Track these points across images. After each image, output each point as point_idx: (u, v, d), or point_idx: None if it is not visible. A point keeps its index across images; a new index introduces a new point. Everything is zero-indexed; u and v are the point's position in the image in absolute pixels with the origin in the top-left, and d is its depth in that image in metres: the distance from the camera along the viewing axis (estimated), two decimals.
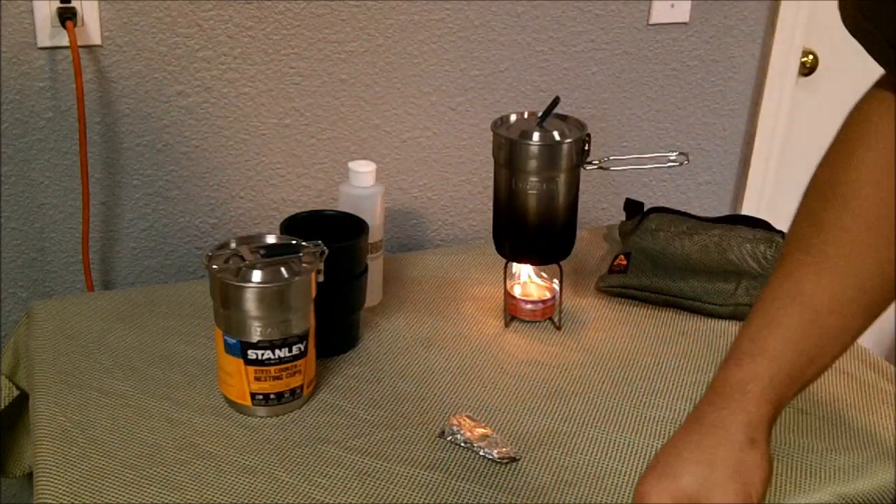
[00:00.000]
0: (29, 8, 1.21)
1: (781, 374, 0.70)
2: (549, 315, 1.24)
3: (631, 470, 0.96)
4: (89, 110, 1.28)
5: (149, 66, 1.30)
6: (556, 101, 1.15)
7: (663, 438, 1.00)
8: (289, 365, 0.99)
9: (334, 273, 1.03)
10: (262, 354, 0.98)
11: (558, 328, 1.23)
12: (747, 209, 1.82)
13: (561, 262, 1.22)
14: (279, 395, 1.00)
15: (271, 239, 1.03)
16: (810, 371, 0.71)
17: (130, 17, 1.26)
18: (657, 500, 0.69)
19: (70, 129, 1.28)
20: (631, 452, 0.98)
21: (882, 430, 1.04)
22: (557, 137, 1.14)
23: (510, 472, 0.95)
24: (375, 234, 1.19)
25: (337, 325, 1.12)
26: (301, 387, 1.02)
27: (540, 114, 1.17)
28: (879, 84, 0.76)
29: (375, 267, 1.21)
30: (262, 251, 1.00)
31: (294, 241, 1.02)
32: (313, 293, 1.00)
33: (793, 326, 0.70)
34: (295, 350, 0.99)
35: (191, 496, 0.89)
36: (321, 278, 1.01)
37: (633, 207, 1.45)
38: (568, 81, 1.56)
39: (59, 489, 0.89)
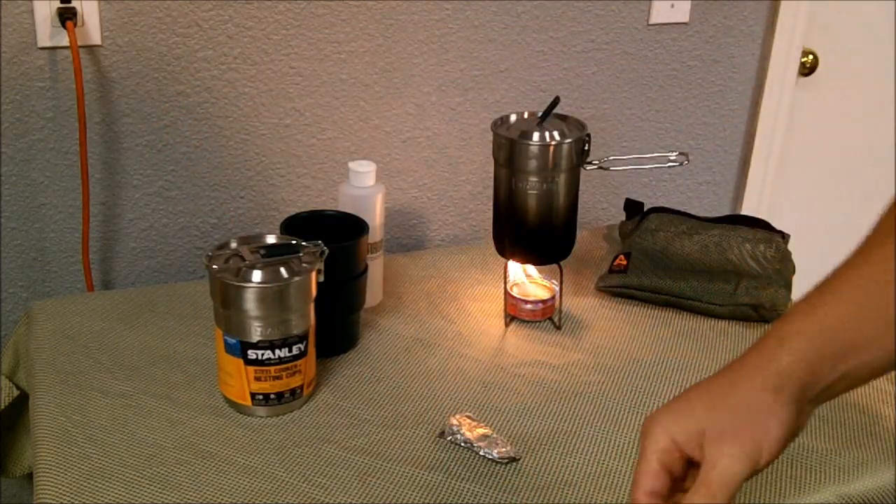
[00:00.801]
0: (29, 8, 1.21)
1: (830, 342, 0.65)
2: (549, 315, 1.24)
3: (631, 470, 0.96)
4: (89, 110, 1.28)
5: (149, 66, 1.30)
6: (556, 101, 1.15)
7: None
8: (289, 365, 0.99)
9: (334, 273, 1.03)
10: (262, 354, 0.98)
11: (558, 328, 1.22)
12: (747, 209, 1.82)
13: (561, 262, 1.22)
14: (279, 395, 1.00)
15: (271, 239, 1.03)
16: (857, 357, 0.65)
17: (130, 17, 1.26)
18: (661, 435, 0.67)
19: (70, 129, 1.28)
20: (631, 452, 0.98)
21: (882, 430, 1.04)
22: (557, 137, 1.14)
23: (510, 472, 0.95)
24: (375, 234, 1.19)
25: (337, 325, 1.12)
26: (301, 387, 1.02)
27: (540, 114, 1.17)
28: None
29: (375, 267, 1.21)
30: (262, 251, 1.00)
31: (294, 241, 1.02)
32: (313, 293, 1.00)
33: (853, 300, 0.66)
34: (295, 350, 0.99)
35: (191, 496, 0.89)
36: (321, 278, 1.01)
37: (633, 207, 1.45)
38: (568, 81, 1.56)
39: (59, 489, 0.89)
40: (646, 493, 0.68)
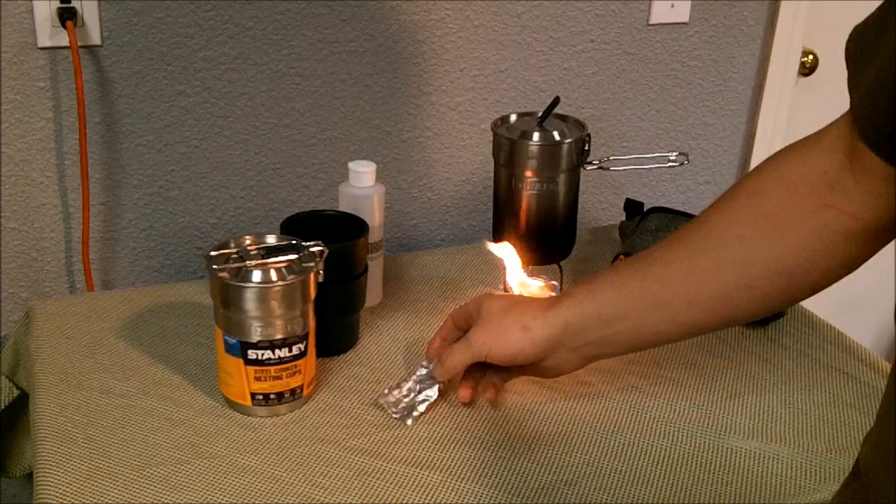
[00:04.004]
0: (29, 8, 1.21)
1: (597, 307, 0.89)
2: None
3: (631, 470, 0.96)
4: (89, 110, 1.28)
5: (149, 66, 1.30)
6: (556, 101, 1.15)
7: (663, 438, 1.00)
8: (289, 365, 0.99)
9: (334, 273, 1.03)
10: (262, 354, 0.98)
11: None
12: None
13: (561, 262, 1.22)
14: (279, 395, 1.00)
15: (271, 239, 1.03)
16: (613, 327, 0.89)
17: (130, 17, 1.26)
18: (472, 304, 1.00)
19: (70, 129, 1.28)
20: (631, 452, 0.98)
21: None
22: (557, 137, 1.14)
23: (510, 472, 0.95)
24: (375, 234, 1.19)
25: (337, 325, 1.12)
26: (301, 387, 1.02)
27: (540, 114, 1.17)
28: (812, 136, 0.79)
29: (375, 267, 1.21)
30: (262, 251, 1.00)
31: (294, 241, 1.02)
32: (313, 293, 1.00)
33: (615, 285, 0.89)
34: (295, 350, 0.99)
35: (191, 496, 0.89)
36: (321, 278, 1.01)
37: (633, 207, 1.45)
38: (568, 81, 1.57)
39: (59, 489, 0.89)
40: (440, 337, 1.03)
